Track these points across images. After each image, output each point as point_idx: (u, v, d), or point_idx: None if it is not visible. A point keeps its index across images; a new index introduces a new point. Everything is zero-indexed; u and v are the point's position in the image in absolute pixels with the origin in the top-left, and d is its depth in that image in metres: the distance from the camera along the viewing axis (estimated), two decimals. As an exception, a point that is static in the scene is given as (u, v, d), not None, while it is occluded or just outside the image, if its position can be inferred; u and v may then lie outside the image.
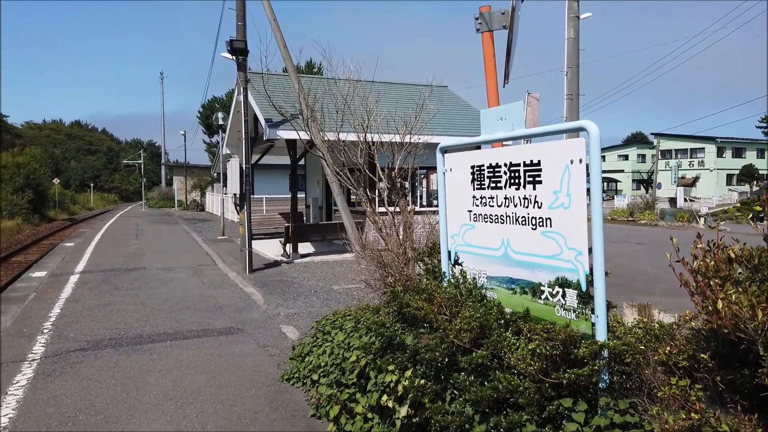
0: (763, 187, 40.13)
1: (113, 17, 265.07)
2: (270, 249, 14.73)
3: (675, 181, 48.98)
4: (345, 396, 4.11)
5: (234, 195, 13.52)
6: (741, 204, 34.09)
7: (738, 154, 59.26)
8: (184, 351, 6.04)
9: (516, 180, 3.38)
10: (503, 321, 3.31)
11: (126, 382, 5.10)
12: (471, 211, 3.85)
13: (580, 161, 2.89)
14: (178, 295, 9.10)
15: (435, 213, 5.22)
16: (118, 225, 26.59)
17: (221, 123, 19.89)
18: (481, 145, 4.17)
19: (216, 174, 37.78)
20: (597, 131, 2.78)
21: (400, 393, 3.51)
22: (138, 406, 4.57)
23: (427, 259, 4.99)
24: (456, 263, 4.05)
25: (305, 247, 14.59)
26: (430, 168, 14.77)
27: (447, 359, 3.34)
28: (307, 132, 9.57)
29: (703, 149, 58.52)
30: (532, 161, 3.23)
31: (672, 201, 39.09)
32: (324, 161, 9.11)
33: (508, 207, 3.47)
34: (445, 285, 3.98)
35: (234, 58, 11.84)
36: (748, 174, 51.74)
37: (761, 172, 52.47)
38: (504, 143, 4.13)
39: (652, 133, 64.20)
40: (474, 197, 3.80)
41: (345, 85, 7.03)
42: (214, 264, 13.00)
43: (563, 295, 3.05)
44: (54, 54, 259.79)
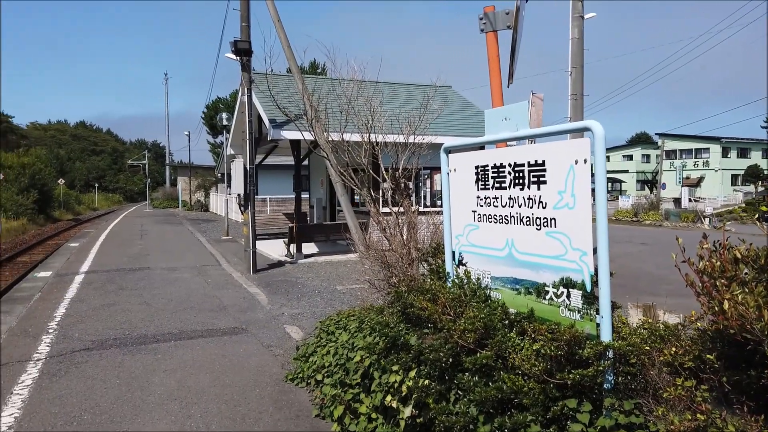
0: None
1: (117, 18, 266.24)
2: (274, 249, 14.75)
3: (679, 182, 48.77)
4: (349, 396, 4.11)
5: (238, 195, 13.51)
6: (746, 204, 33.96)
7: (743, 154, 59.05)
8: (188, 351, 6.06)
9: (520, 180, 3.37)
10: (507, 321, 3.31)
11: (131, 381, 5.11)
12: (475, 212, 3.85)
13: (584, 161, 2.89)
14: (182, 295, 9.12)
15: (439, 213, 5.22)
16: (122, 225, 26.68)
17: (225, 123, 19.95)
18: (485, 146, 4.17)
19: (220, 174, 37.85)
20: (602, 131, 2.77)
21: (404, 393, 3.51)
22: (143, 405, 4.58)
23: (431, 260, 4.99)
24: (460, 263, 4.05)
25: (309, 248, 14.60)
26: (433, 168, 14.78)
27: (451, 359, 3.34)
28: (311, 132, 9.58)
29: (708, 149, 58.34)
30: (536, 161, 3.22)
31: (676, 201, 38.92)
32: (328, 161, 9.12)
33: (512, 207, 3.46)
34: (450, 285, 3.98)
35: (238, 58, 11.87)
36: (753, 174, 51.51)
37: (766, 172, 52.22)
38: (508, 143, 4.12)
39: (656, 134, 64.11)
40: (478, 197, 3.80)
41: (349, 86, 7.04)
42: (218, 264, 13.03)
43: (568, 296, 3.04)
44: (59, 55, 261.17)
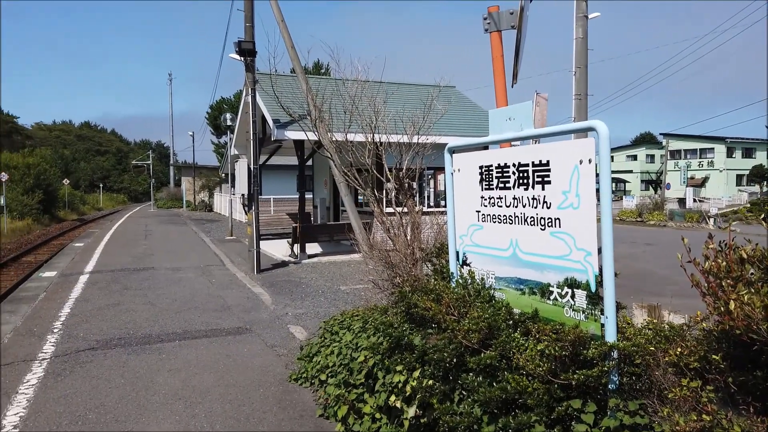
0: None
1: (121, 18, 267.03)
2: (278, 249, 14.77)
3: (684, 182, 48.66)
4: (353, 396, 4.11)
5: (242, 195, 13.57)
6: (751, 204, 33.79)
7: (748, 154, 58.80)
8: (192, 351, 6.07)
9: (525, 180, 3.36)
10: (512, 322, 3.30)
11: (135, 381, 5.13)
12: (479, 212, 3.84)
13: (589, 161, 2.88)
14: (186, 295, 9.14)
15: (443, 213, 5.21)
16: (127, 225, 26.76)
17: (229, 124, 19.97)
18: (489, 146, 4.17)
19: (224, 174, 37.94)
20: (606, 131, 2.77)
21: (408, 393, 3.51)
22: (147, 405, 4.59)
23: (435, 260, 4.99)
24: (464, 264, 4.04)
25: (313, 248, 14.61)
26: (437, 168, 14.77)
27: (455, 360, 3.33)
28: (315, 132, 9.57)
29: (713, 149, 58.12)
30: (540, 161, 3.22)
31: (681, 201, 38.77)
32: (332, 162, 9.12)
33: (516, 207, 3.46)
34: (454, 285, 3.97)
35: (242, 59, 11.89)
36: (758, 174, 51.27)
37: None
38: (512, 143, 4.12)
39: (661, 133, 63.96)
40: (482, 197, 3.80)
41: (353, 86, 7.04)
42: (222, 264, 13.05)
43: (572, 296, 3.03)
44: (63, 55, 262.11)
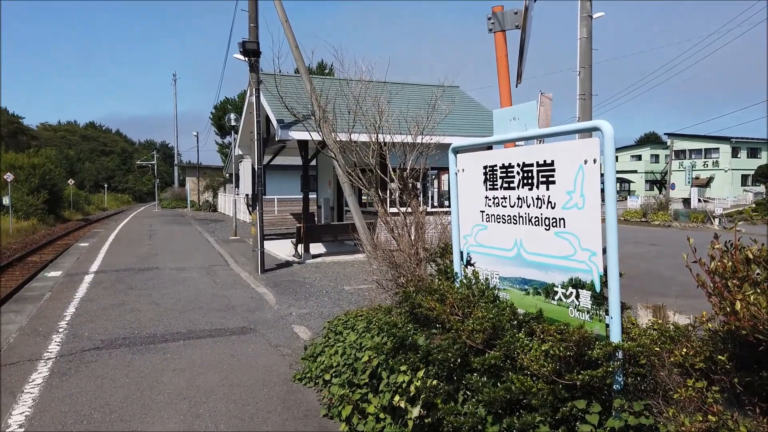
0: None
1: (125, 19, 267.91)
2: (282, 249, 14.80)
3: (689, 182, 48.41)
4: (357, 396, 4.11)
5: (246, 195, 13.56)
6: (757, 204, 33.66)
7: (753, 154, 58.53)
8: (197, 350, 6.08)
9: (529, 180, 3.36)
10: (516, 322, 3.30)
11: (140, 381, 5.14)
12: (483, 212, 3.84)
13: (594, 161, 2.87)
14: (191, 295, 9.16)
15: (446, 213, 5.21)
16: (131, 225, 26.84)
17: (233, 124, 20.02)
18: (494, 146, 4.16)
19: (228, 175, 38.01)
20: (611, 131, 2.76)
21: (412, 393, 3.50)
22: (152, 405, 4.60)
23: (439, 260, 4.99)
24: (468, 264, 4.04)
25: (317, 248, 14.62)
26: (441, 168, 14.76)
27: (459, 360, 3.33)
28: (319, 133, 9.60)
29: (718, 149, 57.88)
30: (545, 161, 3.21)
31: (686, 202, 38.64)
32: (336, 162, 9.14)
33: (521, 207, 3.45)
34: (458, 285, 3.97)
35: (246, 59, 11.90)
36: (763, 174, 50.97)
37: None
38: (517, 143, 4.11)
39: (665, 133, 63.71)
40: (486, 197, 3.79)
41: (357, 86, 7.05)
42: (226, 264, 13.07)
43: (577, 296, 3.03)
44: (67, 56, 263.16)
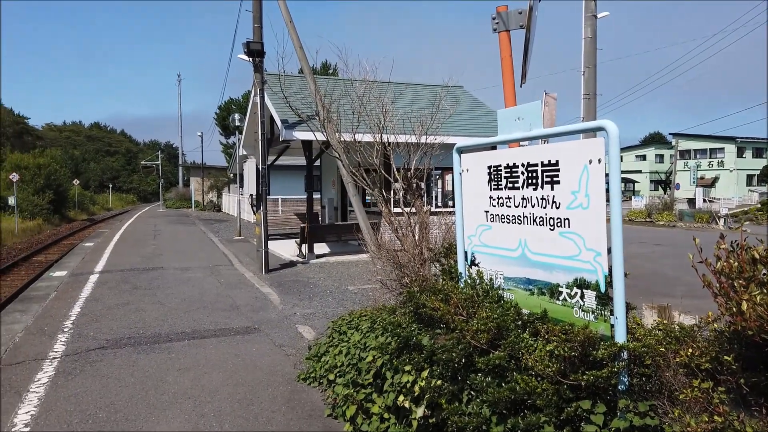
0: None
1: (130, 19, 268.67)
2: (286, 249, 14.81)
3: (694, 182, 48.30)
4: (361, 396, 4.12)
5: (250, 196, 13.60)
6: (762, 204, 33.46)
7: (759, 154, 58.24)
8: (201, 350, 6.10)
9: (533, 180, 3.35)
10: (520, 322, 3.30)
11: (145, 380, 5.16)
12: (488, 212, 3.84)
13: (599, 161, 2.87)
14: (195, 295, 9.18)
15: (450, 214, 5.21)
16: (136, 225, 26.93)
17: (238, 124, 20.07)
18: (498, 146, 4.16)
19: (232, 175, 38.07)
20: (616, 131, 2.75)
21: (416, 393, 3.51)
22: (157, 404, 4.62)
23: (444, 260, 4.98)
24: (472, 264, 4.04)
25: (321, 248, 14.64)
26: (445, 168, 14.75)
27: (464, 360, 3.33)
28: (323, 133, 9.61)
29: (723, 149, 57.64)
30: (550, 161, 3.21)
31: (691, 202, 38.47)
32: (340, 162, 9.13)
33: (525, 207, 3.45)
34: (462, 285, 3.97)
35: (251, 59, 11.92)
36: (769, 174, 50.79)
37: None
38: (521, 143, 4.11)
39: (670, 133, 63.47)
40: (491, 197, 3.79)
41: (361, 86, 7.05)
42: (230, 264, 13.10)
43: (582, 296, 3.02)
44: (73, 57, 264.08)
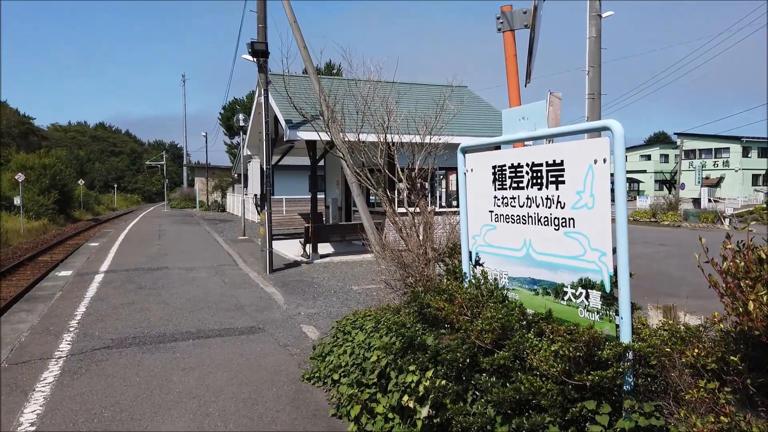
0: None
1: (135, 19, 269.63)
2: (290, 249, 14.83)
3: (699, 182, 48.05)
4: (366, 396, 4.11)
5: (255, 196, 13.65)
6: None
7: (764, 154, 57.93)
8: (206, 350, 6.11)
9: (538, 180, 3.35)
10: (525, 322, 3.29)
11: (150, 380, 5.18)
12: (492, 212, 3.83)
13: (604, 161, 2.86)
14: (200, 295, 9.21)
15: (455, 213, 5.20)
16: (141, 225, 27.00)
17: (242, 124, 20.10)
18: (502, 146, 4.16)
19: (237, 175, 38.17)
20: (621, 130, 2.75)
21: (421, 393, 3.50)
22: (162, 403, 4.63)
23: (448, 260, 4.98)
24: (477, 264, 4.03)
25: (325, 248, 14.65)
26: (449, 168, 14.74)
27: (468, 360, 3.33)
28: (327, 133, 9.62)
29: (728, 149, 57.36)
30: (554, 161, 3.20)
31: (696, 202, 38.33)
32: (344, 162, 9.15)
33: (530, 207, 3.44)
34: (466, 285, 3.96)
35: (255, 59, 11.95)
36: (774, 174, 50.51)
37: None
38: (525, 143, 4.10)
39: (675, 133, 63.18)
40: (495, 197, 3.78)
41: (365, 86, 7.06)
42: (235, 264, 13.12)
43: (587, 297, 3.01)
44: (78, 58, 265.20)
